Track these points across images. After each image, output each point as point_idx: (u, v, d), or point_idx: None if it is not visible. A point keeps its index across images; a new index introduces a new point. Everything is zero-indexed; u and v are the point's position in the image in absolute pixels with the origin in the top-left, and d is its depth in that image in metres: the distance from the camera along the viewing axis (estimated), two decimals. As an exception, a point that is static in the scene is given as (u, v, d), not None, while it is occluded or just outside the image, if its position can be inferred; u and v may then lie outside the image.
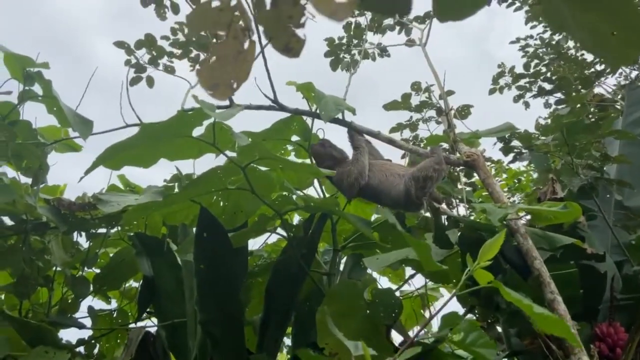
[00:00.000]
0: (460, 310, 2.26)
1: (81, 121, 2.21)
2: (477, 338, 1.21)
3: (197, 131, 1.94)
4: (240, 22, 0.70)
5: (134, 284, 2.68)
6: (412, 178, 1.98)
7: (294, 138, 2.30)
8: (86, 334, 2.42)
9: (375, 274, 2.49)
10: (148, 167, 2.02)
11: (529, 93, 3.64)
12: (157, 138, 1.92)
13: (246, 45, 0.71)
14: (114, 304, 2.72)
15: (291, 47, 0.71)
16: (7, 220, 2.26)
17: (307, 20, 0.74)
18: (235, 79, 0.68)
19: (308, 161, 2.24)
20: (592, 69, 3.35)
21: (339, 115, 2.14)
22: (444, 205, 2.25)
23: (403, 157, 2.58)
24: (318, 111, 2.09)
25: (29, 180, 2.26)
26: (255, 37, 0.75)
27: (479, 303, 1.97)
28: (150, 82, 2.63)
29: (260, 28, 0.71)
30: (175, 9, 3.01)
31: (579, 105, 2.37)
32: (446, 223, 2.21)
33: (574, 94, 2.96)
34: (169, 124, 1.82)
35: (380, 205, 2.21)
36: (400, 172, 2.07)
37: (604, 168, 2.35)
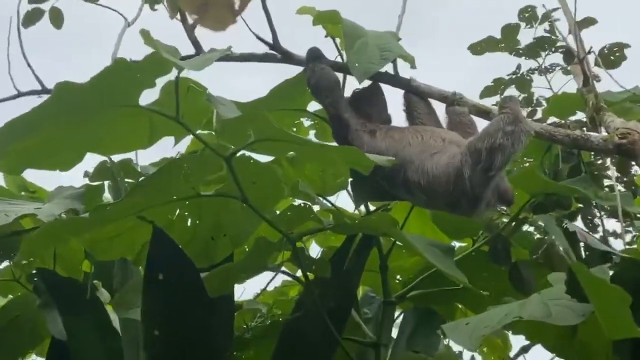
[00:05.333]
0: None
1: None
2: None
3: (147, 98, 1.32)
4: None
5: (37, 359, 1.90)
6: (467, 151, 1.35)
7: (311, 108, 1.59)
8: None
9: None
10: (68, 169, 1.42)
11: None
12: (79, 111, 1.27)
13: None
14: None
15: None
16: None
17: None
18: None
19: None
20: None
21: (386, 68, 1.48)
22: (580, 224, 1.40)
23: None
24: (347, 62, 1.45)
25: None
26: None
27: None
28: (57, 18, 1.88)
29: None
30: None
31: None
32: (585, 254, 1.39)
33: None
34: (99, 85, 1.19)
35: (411, 201, 1.47)
36: (447, 136, 1.46)
37: None
